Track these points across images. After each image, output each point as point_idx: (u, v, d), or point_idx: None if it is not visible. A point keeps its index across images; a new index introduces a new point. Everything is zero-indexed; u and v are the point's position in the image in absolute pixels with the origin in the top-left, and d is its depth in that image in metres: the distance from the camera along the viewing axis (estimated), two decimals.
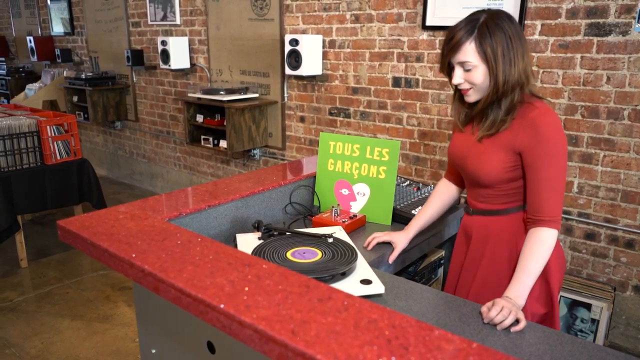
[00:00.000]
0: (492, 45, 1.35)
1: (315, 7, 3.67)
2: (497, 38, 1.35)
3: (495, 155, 1.44)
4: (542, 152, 1.36)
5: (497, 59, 1.36)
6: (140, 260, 1.14)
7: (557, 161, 1.37)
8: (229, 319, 0.94)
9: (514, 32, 1.37)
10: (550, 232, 1.38)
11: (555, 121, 1.38)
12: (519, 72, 1.38)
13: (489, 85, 1.40)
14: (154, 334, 1.42)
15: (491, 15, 1.38)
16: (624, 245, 2.63)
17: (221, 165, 4.75)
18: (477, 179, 1.50)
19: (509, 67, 1.37)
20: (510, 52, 1.36)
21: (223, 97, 3.94)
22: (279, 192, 1.91)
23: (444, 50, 1.44)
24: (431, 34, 3.12)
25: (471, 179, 1.54)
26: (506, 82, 1.37)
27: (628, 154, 2.55)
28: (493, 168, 1.45)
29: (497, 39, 1.35)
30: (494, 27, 1.35)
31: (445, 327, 1.19)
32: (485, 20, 1.37)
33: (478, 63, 1.38)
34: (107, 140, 6.10)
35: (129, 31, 5.26)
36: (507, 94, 1.39)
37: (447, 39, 1.41)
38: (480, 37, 1.36)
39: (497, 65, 1.36)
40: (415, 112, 3.29)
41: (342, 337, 0.86)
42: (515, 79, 1.38)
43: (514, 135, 1.40)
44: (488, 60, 1.37)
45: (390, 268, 1.70)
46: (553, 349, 1.10)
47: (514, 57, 1.37)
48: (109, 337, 2.82)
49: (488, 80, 1.39)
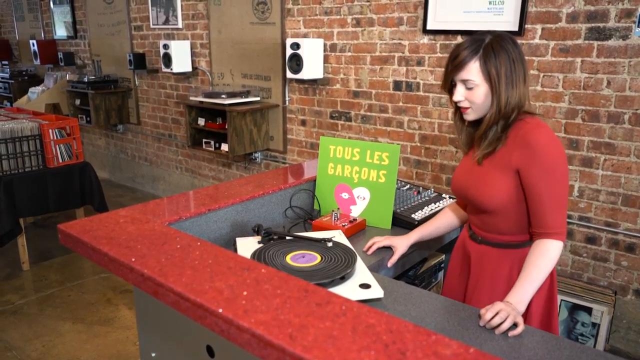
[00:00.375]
0: (496, 66, 1.37)
1: (316, 11, 3.68)
2: (501, 59, 1.37)
3: (497, 178, 1.43)
4: (538, 168, 1.36)
5: (500, 79, 1.37)
6: (140, 265, 1.15)
7: (555, 175, 1.36)
8: (227, 323, 0.94)
9: (517, 56, 1.39)
10: (555, 244, 1.38)
11: (547, 133, 1.37)
12: (519, 94, 1.39)
13: (490, 106, 1.41)
14: (153, 338, 1.43)
15: (496, 37, 1.40)
16: (625, 249, 2.63)
17: (223, 169, 4.76)
18: (481, 205, 1.48)
19: (511, 89, 1.38)
20: (512, 74, 1.38)
21: (225, 101, 3.95)
22: (279, 195, 1.92)
23: (447, 67, 1.44)
24: (432, 38, 3.13)
25: (476, 205, 1.51)
26: (508, 103, 1.38)
27: (629, 157, 2.55)
28: (497, 192, 1.43)
29: (501, 60, 1.37)
30: (499, 48, 1.37)
31: (444, 331, 1.19)
32: (491, 41, 1.39)
33: (480, 82, 1.39)
34: (110, 143, 6.12)
35: (131, 35, 5.28)
36: (507, 115, 1.40)
37: (452, 56, 1.42)
38: (485, 57, 1.37)
39: (500, 86, 1.37)
40: (416, 116, 3.29)
41: (339, 341, 0.86)
42: (516, 101, 1.39)
43: (509, 153, 1.41)
44: (491, 80, 1.38)
45: (390, 272, 1.70)
46: (551, 354, 1.10)
47: (516, 79, 1.38)
48: (110, 340, 2.82)
49: (488, 100, 1.41)
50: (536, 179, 1.37)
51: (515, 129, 1.41)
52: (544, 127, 1.38)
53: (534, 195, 1.39)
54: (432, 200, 2.07)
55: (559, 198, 1.38)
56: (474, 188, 1.48)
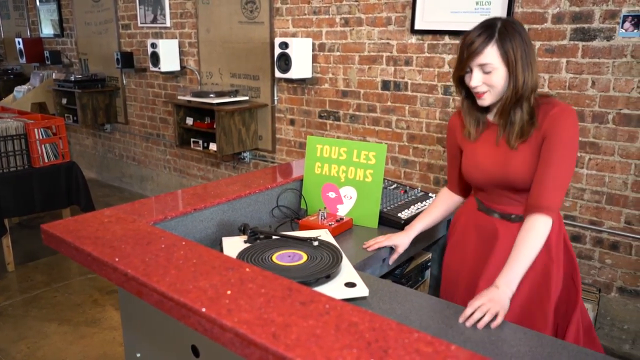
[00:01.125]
0: (513, 48, 1.41)
1: (305, 11, 3.68)
2: (516, 42, 1.41)
3: (528, 158, 1.47)
4: (557, 140, 1.42)
5: (517, 61, 1.42)
6: (124, 264, 1.14)
7: (568, 152, 1.42)
8: (211, 322, 0.94)
9: (527, 38, 1.44)
10: (544, 220, 1.41)
11: (575, 118, 1.44)
12: (534, 76, 1.44)
13: (507, 88, 1.45)
14: (138, 338, 1.42)
15: (507, 22, 1.44)
16: (609, 247, 2.66)
17: (211, 168, 4.74)
18: (522, 186, 1.49)
19: (527, 71, 1.43)
20: (528, 56, 1.43)
21: (213, 100, 3.94)
22: (266, 195, 1.91)
23: (463, 55, 1.46)
24: (420, 38, 3.15)
25: (515, 187, 1.51)
26: (525, 84, 1.42)
27: (612, 157, 2.58)
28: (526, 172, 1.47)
29: (516, 42, 1.41)
30: (513, 31, 1.42)
31: (428, 329, 1.20)
32: (504, 25, 1.43)
33: (499, 65, 1.43)
34: (97, 143, 6.07)
35: (118, 33, 5.24)
36: (524, 97, 1.44)
37: (467, 43, 1.45)
38: (502, 40, 1.41)
39: (517, 68, 1.42)
40: (404, 116, 3.31)
41: (322, 340, 0.86)
42: (534, 82, 1.44)
43: (541, 134, 1.45)
44: (509, 62, 1.42)
45: (376, 271, 1.71)
46: (533, 351, 1.11)
47: (531, 61, 1.44)
48: (96, 341, 2.80)
49: (506, 83, 1.44)
50: (553, 150, 1.42)
51: (543, 111, 1.45)
52: (573, 112, 1.44)
53: (543, 166, 1.43)
54: (419, 200, 2.08)
55: (563, 176, 1.42)
56: (514, 172, 1.49)
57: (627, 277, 2.64)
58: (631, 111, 2.50)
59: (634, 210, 2.56)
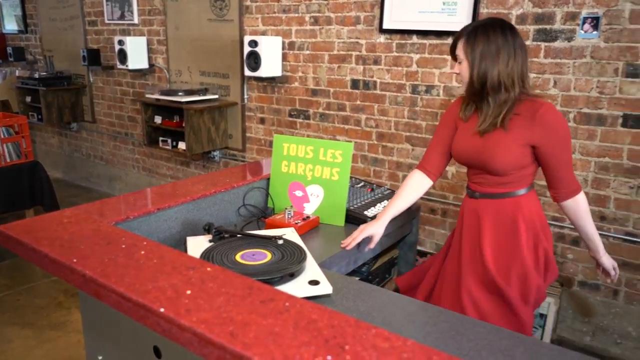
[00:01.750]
0: (475, 44, 1.63)
1: (274, 9, 3.67)
2: (480, 40, 1.63)
3: (511, 148, 1.64)
4: (558, 141, 1.63)
5: (476, 56, 1.63)
6: (82, 265, 1.12)
7: (568, 144, 1.67)
8: (169, 322, 0.93)
9: (501, 41, 1.62)
10: (583, 196, 1.72)
11: (558, 113, 1.65)
12: (499, 74, 1.61)
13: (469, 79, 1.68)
14: (100, 340, 1.40)
15: (486, 23, 1.66)
16: (570, 242, 2.74)
17: (181, 167, 4.69)
18: (492, 168, 1.68)
19: (486, 67, 1.62)
20: (491, 54, 1.61)
21: (182, 98, 3.89)
22: (232, 194, 1.90)
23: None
24: (388, 37, 3.17)
25: (486, 168, 1.71)
26: (483, 77, 1.63)
27: (573, 155, 2.65)
28: (509, 160, 1.65)
29: (480, 40, 1.63)
30: (482, 31, 1.63)
31: (390, 325, 1.22)
32: (480, 24, 1.66)
33: (463, 58, 1.67)
34: (63, 142, 5.92)
35: (85, 30, 5.13)
36: (491, 89, 1.63)
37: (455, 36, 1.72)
38: (468, 37, 1.65)
39: (475, 62, 1.63)
40: (374, 114, 3.33)
41: (280, 338, 0.87)
42: (495, 80, 1.61)
43: (530, 130, 1.62)
44: (470, 56, 1.64)
45: (342, 269, 1.72)
46: (491, 344, 1.14)
47: (493, 60, 1.61)
48: (60, 344, 2.74)
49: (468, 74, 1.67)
50: (558, 150, 1.64)
51: (529, 109, 1.62)
52: (554, 107, 1.64)
53: (557, 164, 1.66)
54: (385, 197, 2.10)
55: (571, 162, 1.71)
56: (488, 155, 1.67)
57: (587, 272, 2.72)
58: (590, 110, 2.58)
59: (593, 206, 2.64)
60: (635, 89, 2.46)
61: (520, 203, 1.71)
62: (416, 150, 3.19)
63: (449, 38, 2.94)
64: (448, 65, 2.98)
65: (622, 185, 2.56)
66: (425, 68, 3.06)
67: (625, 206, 2.57)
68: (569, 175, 1.69)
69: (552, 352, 1.13)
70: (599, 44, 2.51)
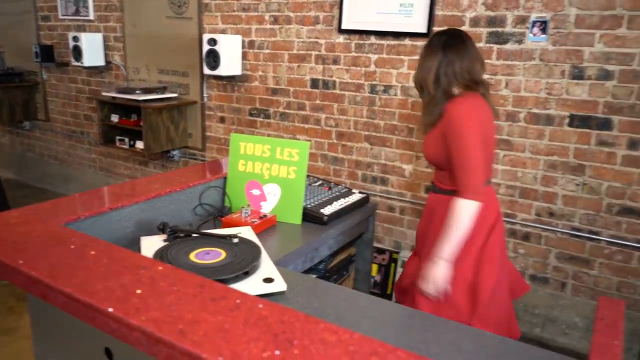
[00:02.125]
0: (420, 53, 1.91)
1: (234, 7, 3.65)
2: (424, 48, 1.87)
3: (432, 141, 1.85)
4: (451, 134, 1.74)
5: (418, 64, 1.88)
6: (28, 267, 1.10)
7: (461, 142, 1.71)
8: (118, 322, 0.93)
9: (427, 47, 1.84)
10: (459, 201, 1.72)
11: (463, 108, 1.74)
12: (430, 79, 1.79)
13: None
14: (49, 344, 1.37)
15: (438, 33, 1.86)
16: (521, 237, 2.85)
17: (139, 167, 4.60)
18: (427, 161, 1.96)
19: (420, 72, 1.85)
20: (425, 62, 1.83)
21: (139, 97, 3.82)
22: (188, 193, 1.89)
23: None
24: (347, 37, 3.21)
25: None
26: (416, 80, 1.88)
27: (524, 153, 2.76)
28: (431, 151, 1.86)
29: (423, 49, 1.87)
30: (430, 40, 1.85)
31: (342, 321, 1.24)
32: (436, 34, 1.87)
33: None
34: (15, 141, 5.71)
35: (37, 25, 4.96)
36: (424, 91, 1.84)
37: None
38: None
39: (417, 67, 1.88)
40: (333, 114, 3.36)
41: (230, 334, 0.88)
42: (426, 83, 1.82)
43: (441, 126, 1.79)
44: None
45: (298, 266, 1.74)
46: (438, 337, 1.18)
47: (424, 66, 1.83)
48: (11, 350, 2.65)
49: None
50: (454, 145, 1.74)
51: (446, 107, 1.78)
52: (463, 104, 1.75)
53: (452, 158, 1.75)
54: (342, 195, 2.13)
55: (465, 162, 1.72)
56: (425, 149, 1.92)
57: (537, 265, 2.83)
58: (540, 111, 2.69)
59: (542, 202, 2.75)
60: (581, 90, 2.57)
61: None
62: (374, 150, 3.24)
63: (406, 39, 3.00)
64: (405, 65, 3.04)
65: (569, 183, 2.68)
66: (383, 68, 3.11)
67: (571, 202, 2.69)
68: (459, 175, 1.73)
69: (497, 342, 1.18)
70: (547, 47, 2.61)
